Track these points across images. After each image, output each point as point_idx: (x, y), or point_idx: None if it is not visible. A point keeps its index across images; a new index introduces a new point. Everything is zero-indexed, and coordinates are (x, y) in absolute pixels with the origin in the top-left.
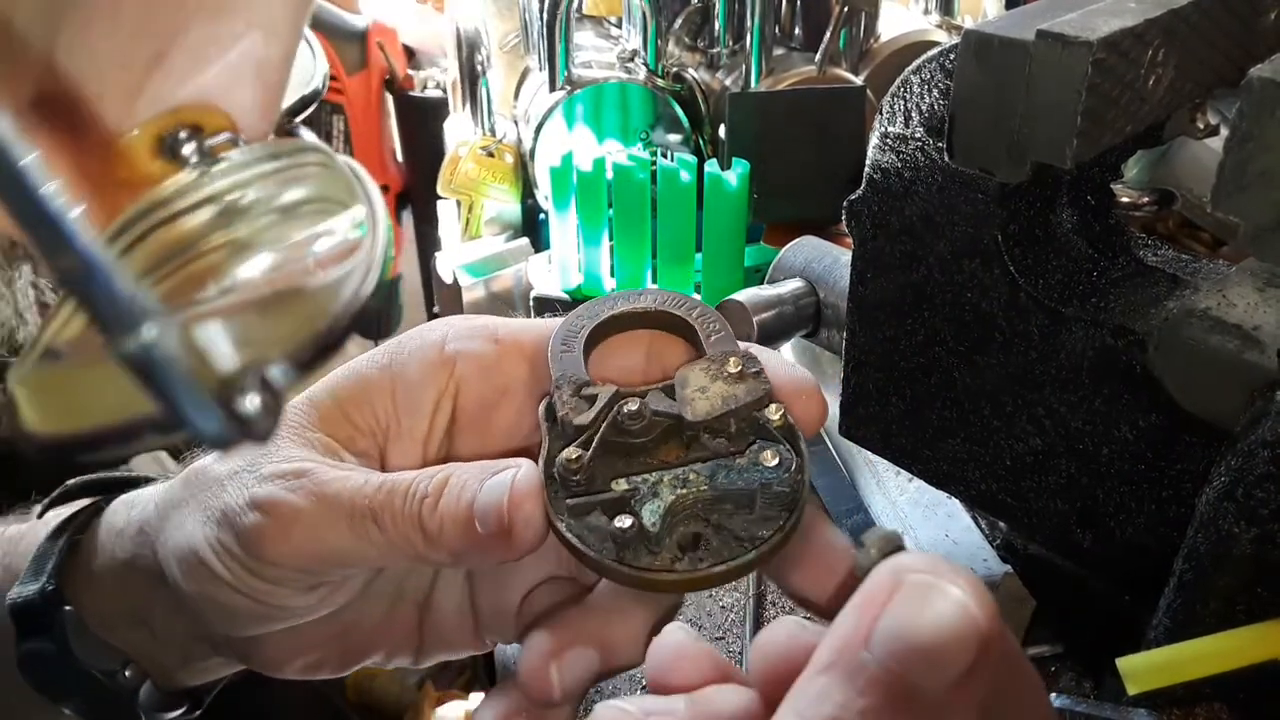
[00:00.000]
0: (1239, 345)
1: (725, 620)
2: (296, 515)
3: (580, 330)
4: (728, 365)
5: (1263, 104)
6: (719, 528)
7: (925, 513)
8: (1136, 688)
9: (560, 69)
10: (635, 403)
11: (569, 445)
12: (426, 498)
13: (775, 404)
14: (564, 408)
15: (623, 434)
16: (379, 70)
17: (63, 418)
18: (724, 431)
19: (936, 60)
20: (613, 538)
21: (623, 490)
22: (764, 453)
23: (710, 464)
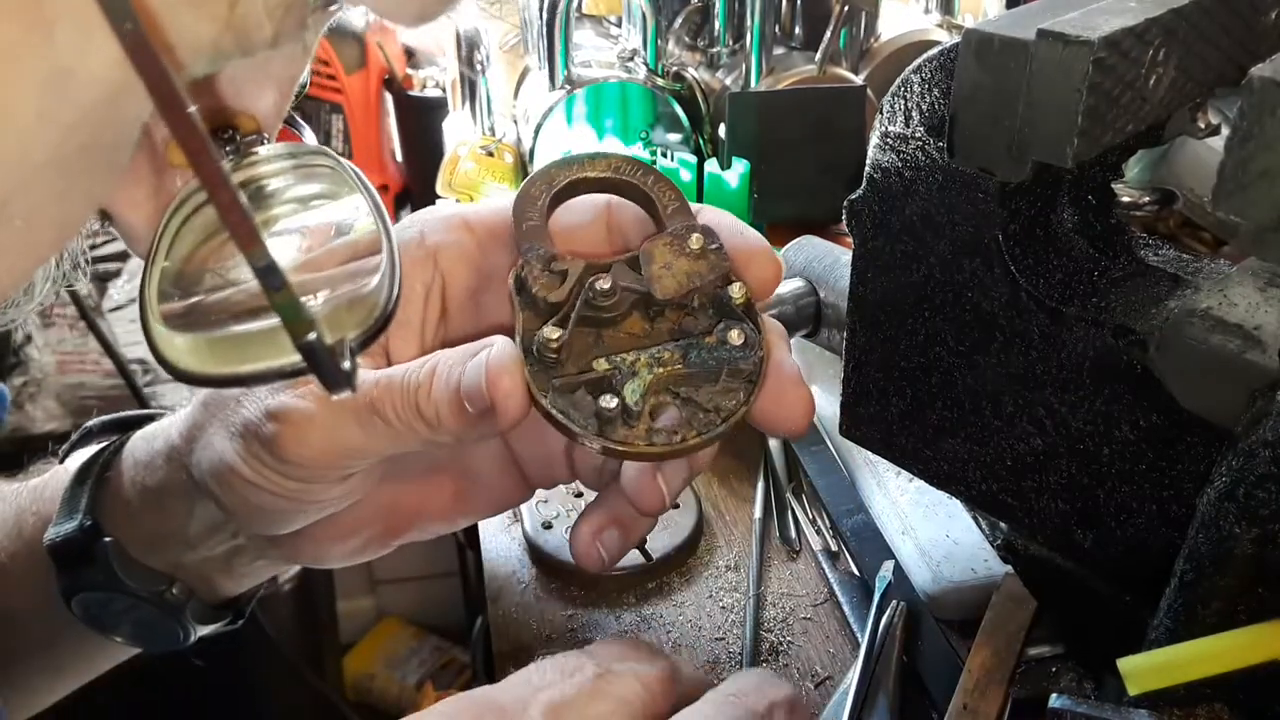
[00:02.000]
0: (1240, 345)
1: (725, 621)
2: (309, 419)
3: (540, 199)
4: (690, 242)
5: (1264, 103)
6: (687, 400)
7: (926, 513)
8: (1137, 688)
9: (560, 68)
10: (606, 280)
11: (545, 322)
12: (420, 387)
13: (737, 283)
14: (536, 283)
15: (594, 309)
16: (378, 69)
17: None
18: (688, 306)
19: (937, 59)
20: (598, 415)
21: (604, 370)
22: (730, 332)
23: (683, 343)
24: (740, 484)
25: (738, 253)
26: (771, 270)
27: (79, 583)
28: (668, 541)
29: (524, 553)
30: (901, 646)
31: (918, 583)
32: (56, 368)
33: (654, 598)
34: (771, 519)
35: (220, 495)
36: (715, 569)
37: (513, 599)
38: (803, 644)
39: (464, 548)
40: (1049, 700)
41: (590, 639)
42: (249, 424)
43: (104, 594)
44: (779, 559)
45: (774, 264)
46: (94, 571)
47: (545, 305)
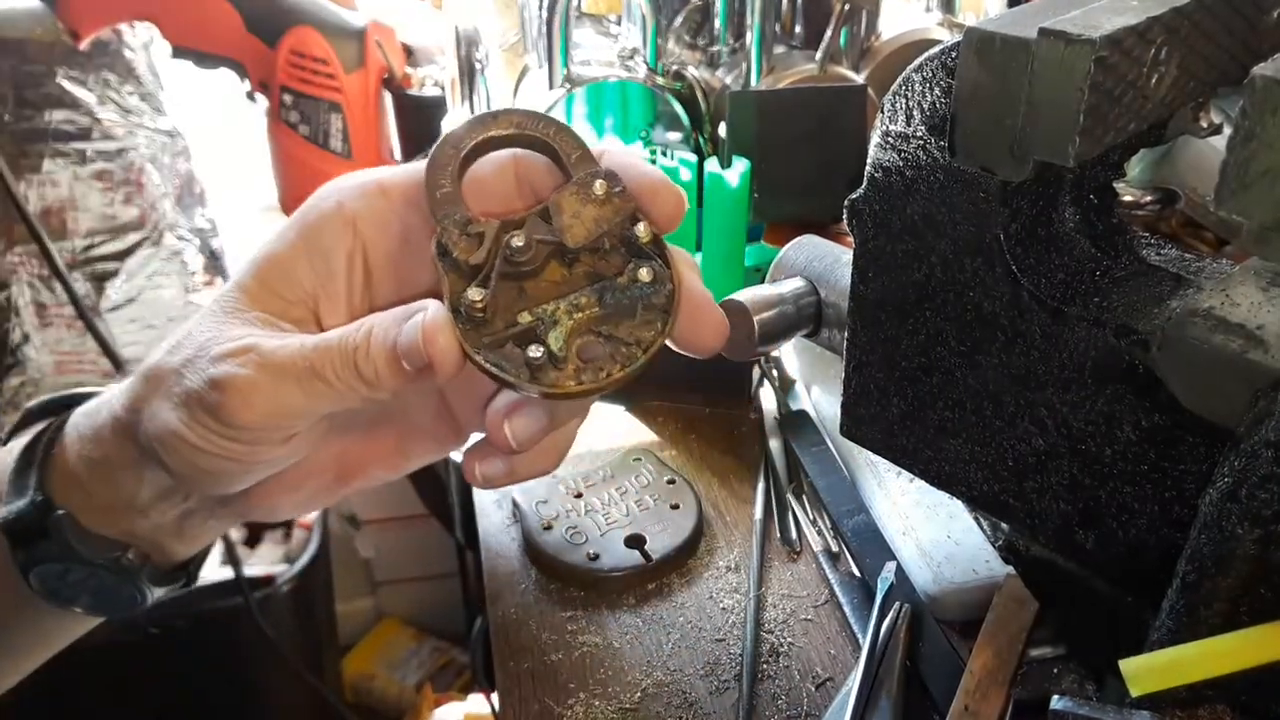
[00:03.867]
0: (1242, 345)
1: (726, 622)
2: (252, 386)
3: (449, 164)
4: (594, 188)
5: (1266, 102)
6: (609, 337)
7: (927, 513)
8: (1139, 689)
9: (559, 67)
10: (520, 237)
11: (469, 284)
12: (358, 348)
13: (642, 222)
14: (455, 248)
15: (513, 265)
16: (377, 68)
17: None
18: (600, 249)
19: (938, 58)
20: (527, 364)
21: (528, 322)
22: (640, 270)
23: (597, 287)
24: (740, 484)
25: (641, 190)
26: (673, 203)
27: (35, 556)
28: (668, 542)
29: (523, 553)
30: (905, 648)
31: (919, 584)
32: (54, 368)
33: (654, 598)
34: (772, 519)
35: (169, 462)
36: (715, 570)
37: (512, 600)
38: (804, 645)
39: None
40: (1051, 701)
41: (590, 640)
42: (192, 393)
43: (61, 565)
44: (779, 560)
45: (674, 196)
46: (49, 544)
47: (467, 268)
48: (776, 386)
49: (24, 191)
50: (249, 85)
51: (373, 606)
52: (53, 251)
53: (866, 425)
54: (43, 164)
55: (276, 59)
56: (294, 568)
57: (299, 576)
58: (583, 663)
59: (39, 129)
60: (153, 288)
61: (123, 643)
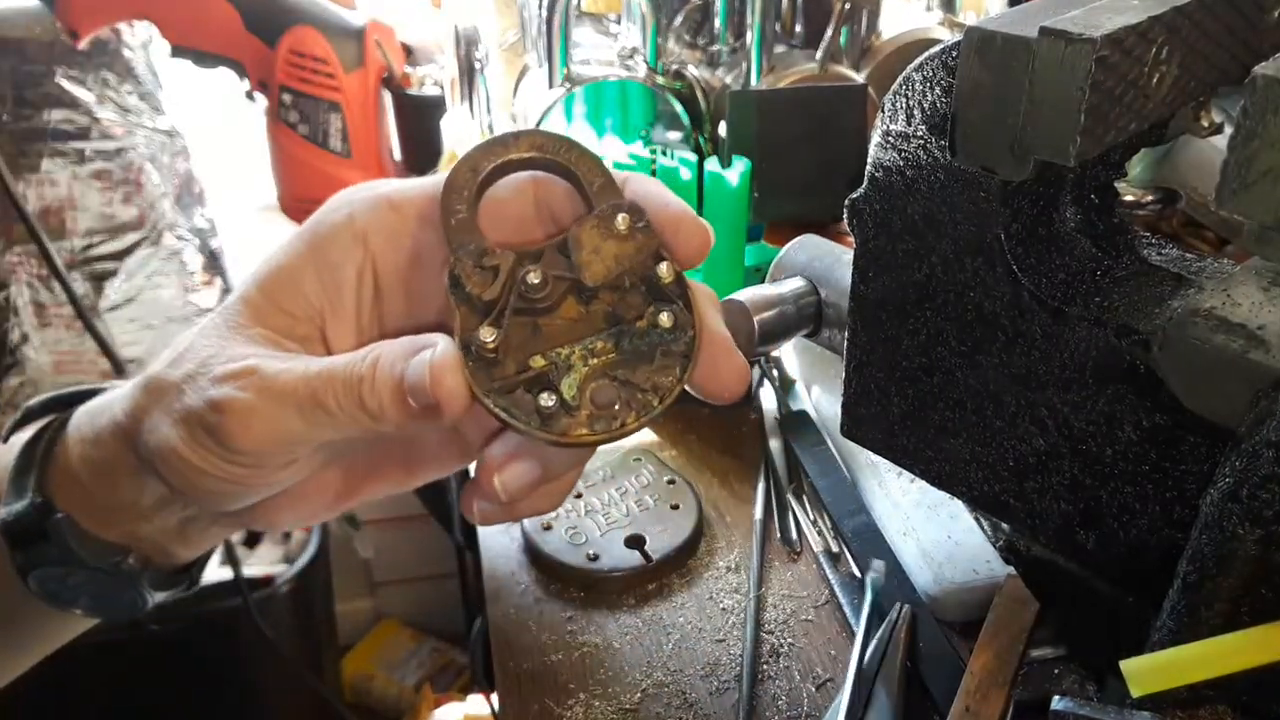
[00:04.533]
0: (1244, 345)
1: (726, 623)
2: (252, 410)
3: (466, 188)
4: (616, 223)
5: (1267, 102)
6: (625, 383)
7: (928, 514)
8: (1140, 690)
9: (559, 66)
10: (536, 273)
11: (481, 321)
12: (363, 379)
13: (665, 261)
14: (469, 281)
15: (528, 301)
16: (377, 68)
17: None
18: (620, 287)
19: (939, 57)
20: (538, 411)
21: (541, 367)
22: (660, 315)
23: (614, 331)
24: (740, 485)
25: (665, 225)
26: (698, 240)
27: (34, 559)
28: (668, 543)
29: (523, 554)
30: (905, 649)
31: (920, 584)
32: (53, 368)
33: (654, 599)
34: (772, 520)
35: (168, 478)
36: (716, 570)
37: (511, 600)
38: (804, 645)
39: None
40: (1051, 702)
41: (590, 640)
42: (192, 412)
43: (60, 568)
44: (780, 560)
45: (700, 233)
46: (49, 547)
47: (480, 303)
48: (776, 386)
49: (23, 191)
50: (248, 84)
51: (372, 607)
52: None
53: (867, 425)
54: (41, 163)
55: (276, 58)
56: (293, 568)
57: (298, 577)
58: (582, 663)
59: (38, 128)
60: (152, 287)
61: (123, 642)
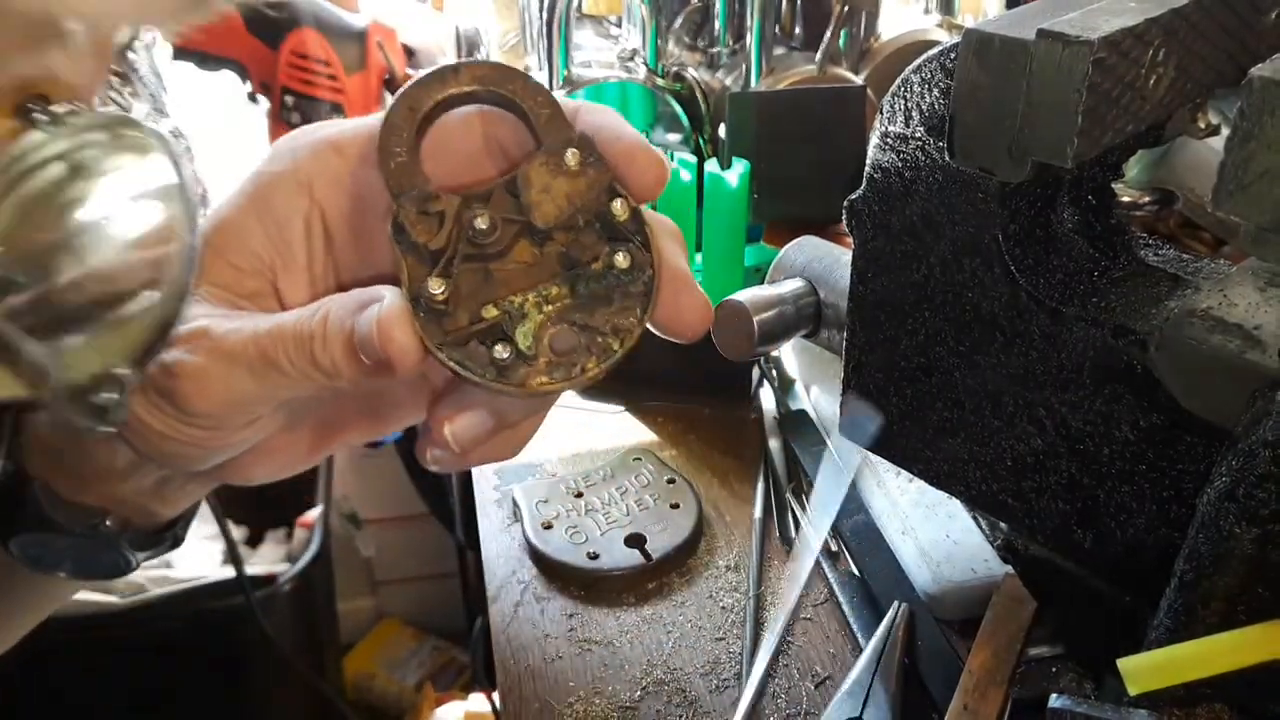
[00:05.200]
0: (1240, 345)
1: (725, 621)
2: (204, 373)
3: (405, 129)
4: (566, 159)
5: (1264, 103)
6: (584, 327)
7: (926, 513)
8: (1137, 688)
9: (560, 68)
10: (484, 218)
11: (430, 271)
12: (314, 336)
13: (619, 198)
14: (413, 229)
15: (478, 247)
16: (378, 70)
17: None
18: (574, 226)
19: (937, 59)
20: (493, 364)
21: (494, 317)
22: (616, 255)
23: (569, 275)
24: (740, 484)
25: (618, 158)
26: (653, 172)
27: (13, 527)
28: (668, 542)
29: (524, 553)
30: (904, 647)
31: (918, 583)
32: None
33: (654, 598)
34: (771, 519)
35: (132, 442)
36: (715, 569)
37: (512, 599)
38: (803, 644)
39: (464, 548)
40: (1049, 700)
41: (590, 639)
42: (152, 379)
43: (39, 534)
44: (779, 559)
45: (655, 164)
46: (25, 514)
47: (427, 252)
48: (776, 386)
49: None
50: (250, 86)
51: (373, 606)
52: None
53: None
54: None
55: (278, 60)
56: (295, 567)
57: (300, 576)
58: (583, 661)
59: None
60: None
61: (125, 640)
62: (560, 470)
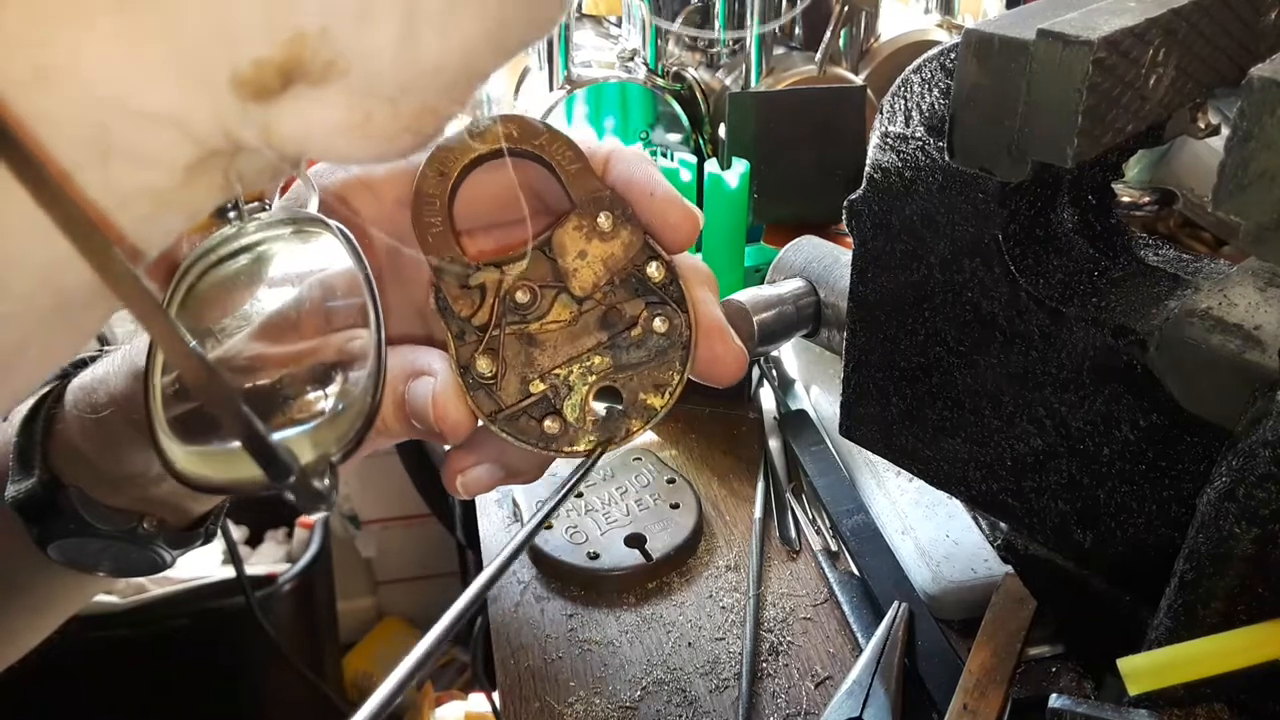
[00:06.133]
0: (1240, 345)
1: (725, 621)
2: None
3: (437, 197)
4: (600, 222)
5: (1263, 103)
6: (625, 386)
7: (926, 513)
8: (1137, 688)
9: (560, 68)
10: (525, 291)
11: (476, 347)
12: None
13: (654, 261)
14: (457, 305)
15: (519, 314)
16: None
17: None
18: (610, 290)
19: (937, 59)
20: (543, 435)
21: (541, 391)
22: (655, 320)
23: (610, 343)
24: (740, 484)
25: (651, 215)
26: (686, 227)
27: (51, 532)
28: (668, 541)
29: (524, 553)
30: (903, 647)
31: (918, 583)
32: None
33: (654, 597)
34: (771, 519)
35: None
36: (715, 569)
37: (513, 599)
38: (803, 644)
39: (464, 548)
40: (1049, 700)
41: (590, 638)
42: None
43: (77, 539)
44: (779, 559)
45: (689, 219)
46: (63, 520)
47: (471, 326)
48: (776, 386)
49: None
50: None
51: (374, 605)
52: None
53: (865, 425)
54: None
55: None
56: (296, 567)
57: (300, 575)
58: (583, 661)
59: None
60: None
61: (124, 641)
62: (561, 470)
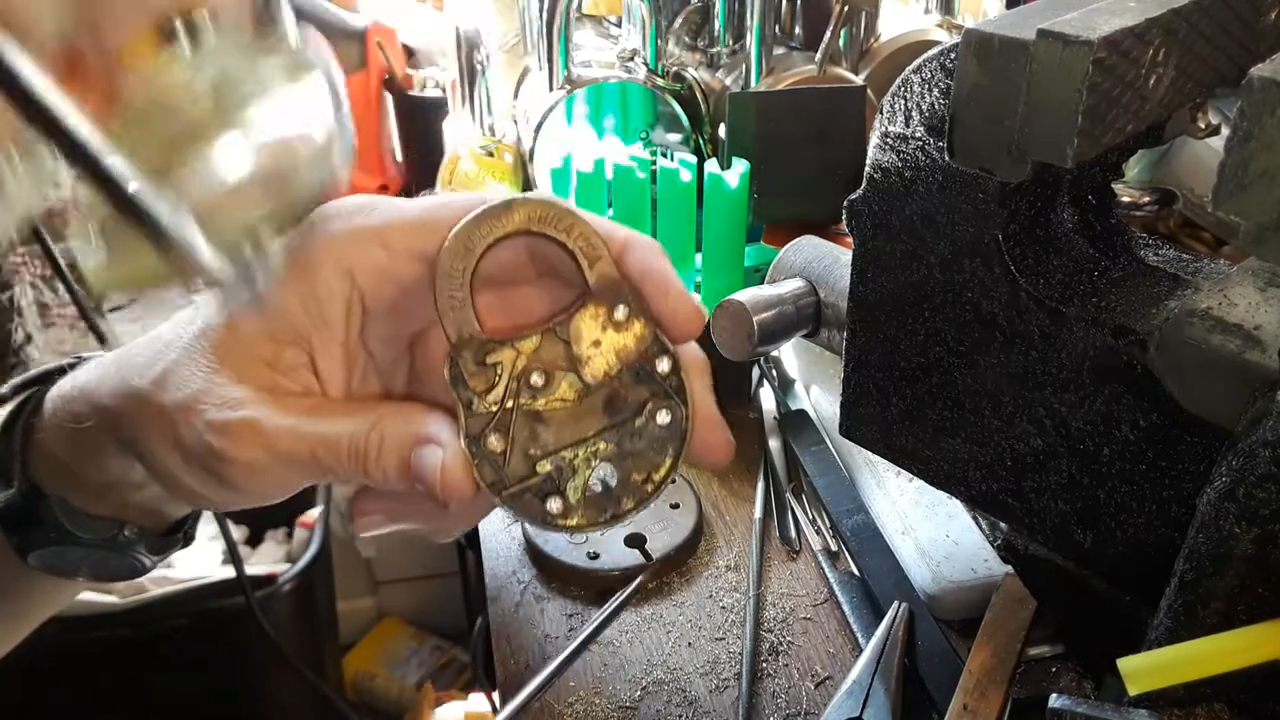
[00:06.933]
0: (1240, 345)
1: (725, 621)
2: (257, 466)
3: (461, 274)
4: (616, 312)
5: (1263, 103)
6: (620, 466)
7: (926, 513)
8: (1137, 688)
9: (560, 68)
10: (539, 375)
11: (487, 423)
12: (367, 454)
13: (664, 357)
14: (472, 380)
15: (531, 396)
16: (378, 70)
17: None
18: (619, 377)
19: (937, 59)
20: (543, 514)
21: (547, 472)
22: (659, 412)
23: (614, 431)
24: (740, 484)
25: (662, 310)
26: (694, 323)
27: (31, 542)
28: (668, 541)
29: (524, 553)
30: (903, 647)
31: (918, 583)
32: None
33: (654, 597)
34: (771, 519)
35: (164, 487)
36: (715, 569)
37: (512, 599)
38: (803, 644)
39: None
40: (1049, 700)
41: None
42: (191, 451)
43: (59, 548)
44: (779, 559)
45: (697, 316)
46: (44, 530)
47: (483, 404)
48: (776, 386)
49: None
50: None
51: (374, 605)
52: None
53: (865, 425)
54: None
55: None
56: (296, 567)
57: (301, 575)
58: (583, 661)
59: None
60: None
61: (126, 640)
62: None
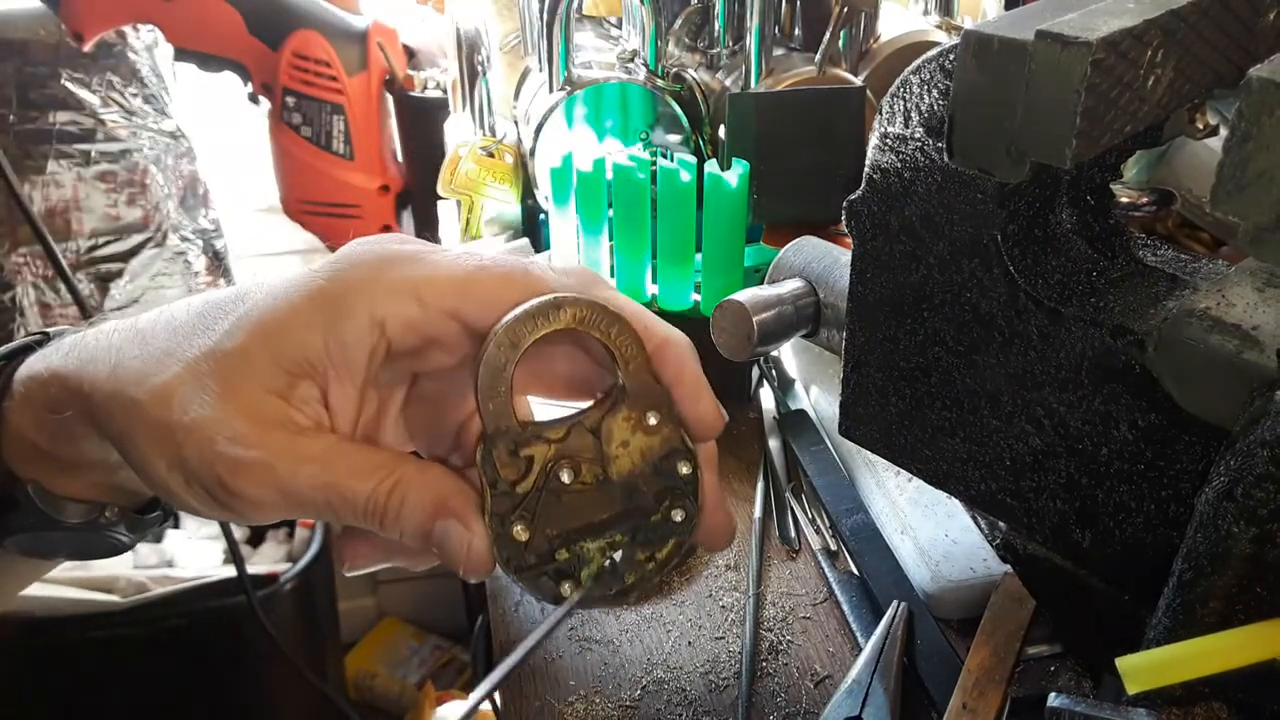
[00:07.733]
0: (1238, 345)
1: (725, 620)
2: (260, 503)
3: (506, 369)
4: (648, 419)
5: (1262, 104)
6: (629, 547)
7: (925, 512)
8: (1136, 687)
9: (560, 69)
10: (568, 472)
11: (514, 509)
12: (385, 513)
13: (686, 463)
14: (503, 468)
15: (556, 486)
16: (379, 71)
17: None
18: (640, 471)
19: (936, 60)
20: (556, 594)
21: (564, 559)
22: (674, 511)
23: (631, 525)
24: (740, 484)
25: (688, 417)
26: (716, 427)
27: (8, 527)
28: None
29: None
30: (903, 647)
31: (917, 582)
32: None
33: (654, 597)
34: (771, 519)
35: (151, 488)
36: (715, 568)
37: (512, 599)
38: (802, 643)
39: None
40: (1048, 699)
41: (591, 637)
42: (198, 476)
43: (37, 532)
44: (778, 558)
45: (719, 422)
46: (21, 515)
47: (512, 493)
48: (776, 386)
49: (28, 192)
50: (251, 87)
51: (374, 605)
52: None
53: (865, 425)
54: (47, 165)
55: (279, 61)
56: (296, 566)
57: (301, 575)
58: (583, 660)
59: (43, 130)
60: (156, 288)
61: (124, 641)
62: None
